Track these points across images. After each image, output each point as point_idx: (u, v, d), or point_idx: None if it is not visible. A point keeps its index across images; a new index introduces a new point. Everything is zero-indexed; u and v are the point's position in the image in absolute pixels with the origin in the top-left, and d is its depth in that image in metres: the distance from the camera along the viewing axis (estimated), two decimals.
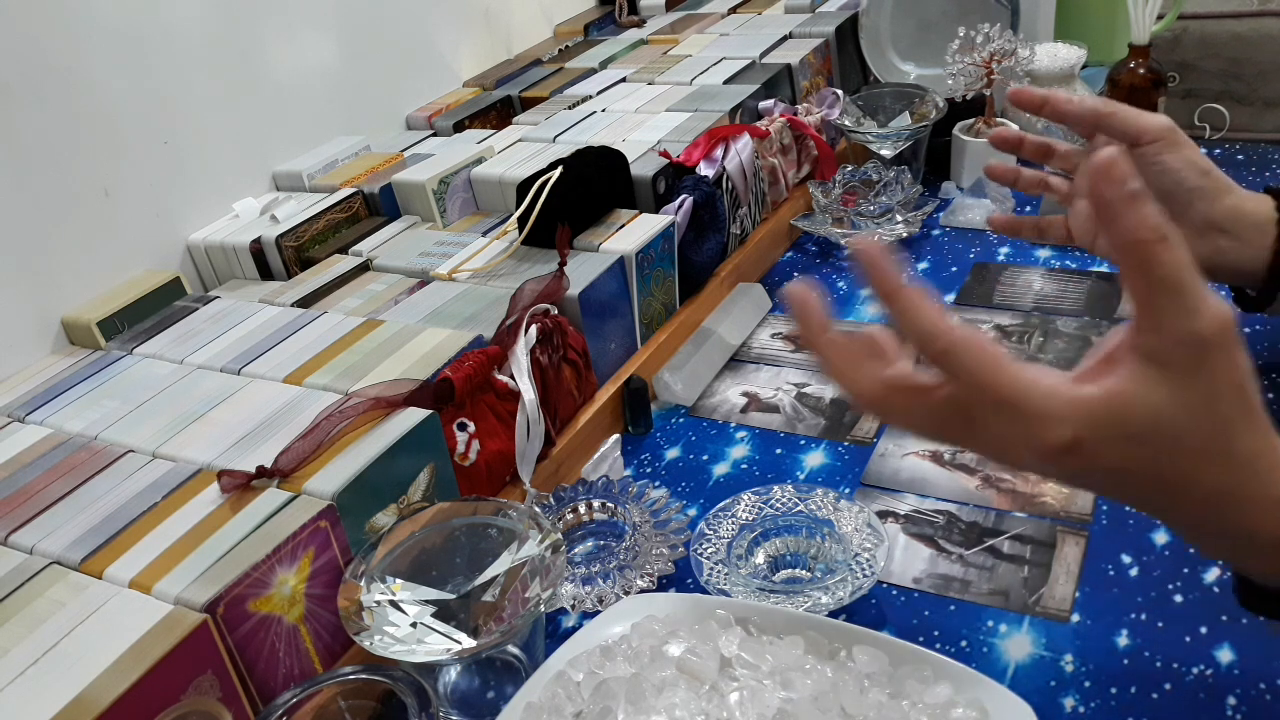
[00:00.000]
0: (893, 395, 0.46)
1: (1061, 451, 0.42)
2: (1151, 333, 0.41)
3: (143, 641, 0.55)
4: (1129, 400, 0.41)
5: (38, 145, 0.88)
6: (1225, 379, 0.41)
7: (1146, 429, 0.41)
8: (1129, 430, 0.41)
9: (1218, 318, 0.40)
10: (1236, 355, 0.41)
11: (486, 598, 0.62)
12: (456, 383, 0.74)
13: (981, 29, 1.16)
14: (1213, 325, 0.40)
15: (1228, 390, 0.41)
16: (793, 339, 1.01)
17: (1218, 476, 0.42)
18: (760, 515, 0.75)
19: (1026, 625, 0.65)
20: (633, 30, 1.55)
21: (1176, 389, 0.41)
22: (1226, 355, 0.40)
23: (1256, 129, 1.25)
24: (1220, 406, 0.41)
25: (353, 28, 1.20)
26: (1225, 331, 0.40)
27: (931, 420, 0.46)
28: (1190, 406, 0.41)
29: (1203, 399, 0.41)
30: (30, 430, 0.78)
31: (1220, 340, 0.40)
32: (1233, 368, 0.41)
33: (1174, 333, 0.40)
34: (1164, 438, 0.41)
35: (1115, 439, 0.41)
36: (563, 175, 0.93)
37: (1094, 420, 0.41)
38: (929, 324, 0.43)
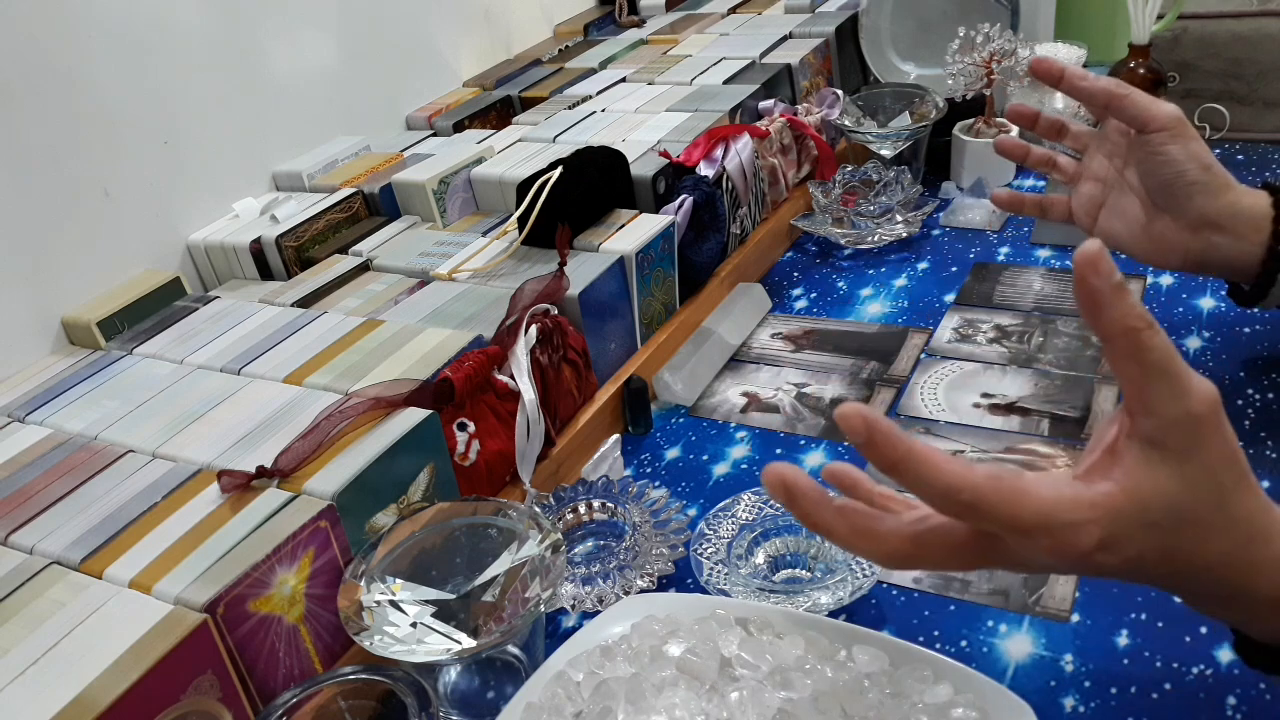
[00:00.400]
0: (920, 547, 0.46)
1: (1094, 551, 0.43)
2: (1147, 417, 0.43)
3: (143, 641, 0.55)
4: (1143, 489, 0.43)
5: (38, 145, 0.88)
6: (1219, 452, 0.43)
7: (1159, 515, 0.43)
8: (1149, 518, 0.43)
9: (1207, 396, 0.42)
10: (1226, 428, 0.43)
11: (486, 598, 0.62)
12: (456, 383, 0.74)
13: (981, 29, 1.16)
14: (1203, 404, 0.42)
15: (1221, 462, 0.43)
16: (793, 338, 1.01)
17: (1220, 543, 0.44)
18: (760, 515, 0.75)
19: (1026, 625, 0.65)
20: (633, 30, 1.55)
21: (1178, 468, 0.43)
22: (1218, 429, 0.43)
23: (1256, 129, 1.25)
24: (1217, 478, 0.43)
25: (353, 28, 1.20)
26: (1214, 408, 0.43)
27: (962, 557, 0.46)
28: (1192, 483, 0.43)
29: (1202, 474, 0.43)
30: (30, 430, 0.78)
31: (1211, 417, 0.43)
32: (1224, 440, 0.43)
33: (1169, 415, 0.42)
34: (1174, 518, 0.43)
35: (1136, 528, 0.43)
36: (563, 175, 0.93)
37: (1118, 516, 0.43)
38: (947, 482, 0.42)
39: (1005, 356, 0.92)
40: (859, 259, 1.13)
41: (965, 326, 0.97)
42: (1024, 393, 0.86)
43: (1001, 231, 1.14)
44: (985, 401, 0.86)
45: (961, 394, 0.88)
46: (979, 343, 0.94)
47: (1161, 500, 0.43)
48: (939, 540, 0.45)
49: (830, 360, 0.96)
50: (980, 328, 0.97)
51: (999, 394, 0.87)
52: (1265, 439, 0.76)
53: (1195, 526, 0.44)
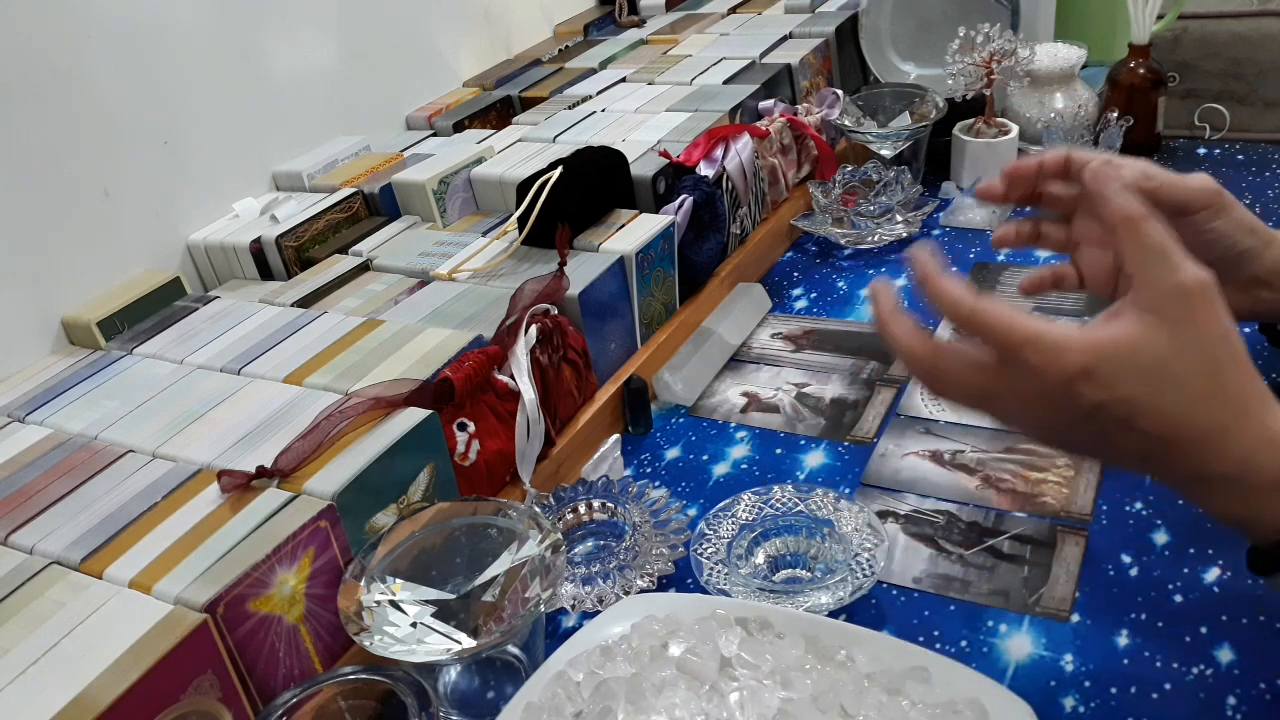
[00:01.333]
0: (939, 355, 0.52)
1: (1078, 375, 0.47)
2: (1145, 289, 0.48)
3: (143, 641, 0.55)
4: (1132, 339, 0.47)
5: (38, 145, 0.88)
6: (1211, 326, 0.47)
7: (1147, 363, 0.47)
8: (1136, 362, 0.47)
9: (1198, 275, 0.47)
10: (1219, 308, 0.47)
11: (486, 598, 0.62)
12: (456, 383, 0.74)
13: (981, 29, 1.16)
14: (1193, 280, 0.47)
15: (1215, 337, 0.47)
16: (793, 338, 1.01)
17: (1212, 414, 0.47)
18: (760, 515, 0.75)
19: (1026, 625, 0.65)
20: (633, 30, 1.55)
21: (1170, 333, 0.47)
22: (1209, 307, 0.47)
23: (1256, 129, 1.25)
24: (1210, 349, 0.47)
25: (353, 28, 1.20)
26: (1205, 287, 0.47)
27: (970, 376, 0.51)
28: (1183, 349, 0.47)
29: (1194, 343, 0.47)
30: (30, 430, 0.78)
31: (1201, 293, 0.47)
32: (1216, 318, 0.47)
33: (1162, 286, 0.47)
34: (1164, 375, 0.47)
35: (1123, 370, 0.47)
36: (563, 175, 0.93)
37: (1104, 351, 0.47)
38: (955, 295, 0.50)
39: None
40: (859, 259, 1.13)
41: None
42: None
43: None
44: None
45: None
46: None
47: (1151, 351, 0.47)
48: (955, 354, 0.51)
49: (830, 360, 0.96)
50: None
51: None
52: None
53: (1186, 390, 0.47)
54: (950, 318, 0.51)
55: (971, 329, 0.50)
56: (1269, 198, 1.11)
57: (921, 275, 0.52)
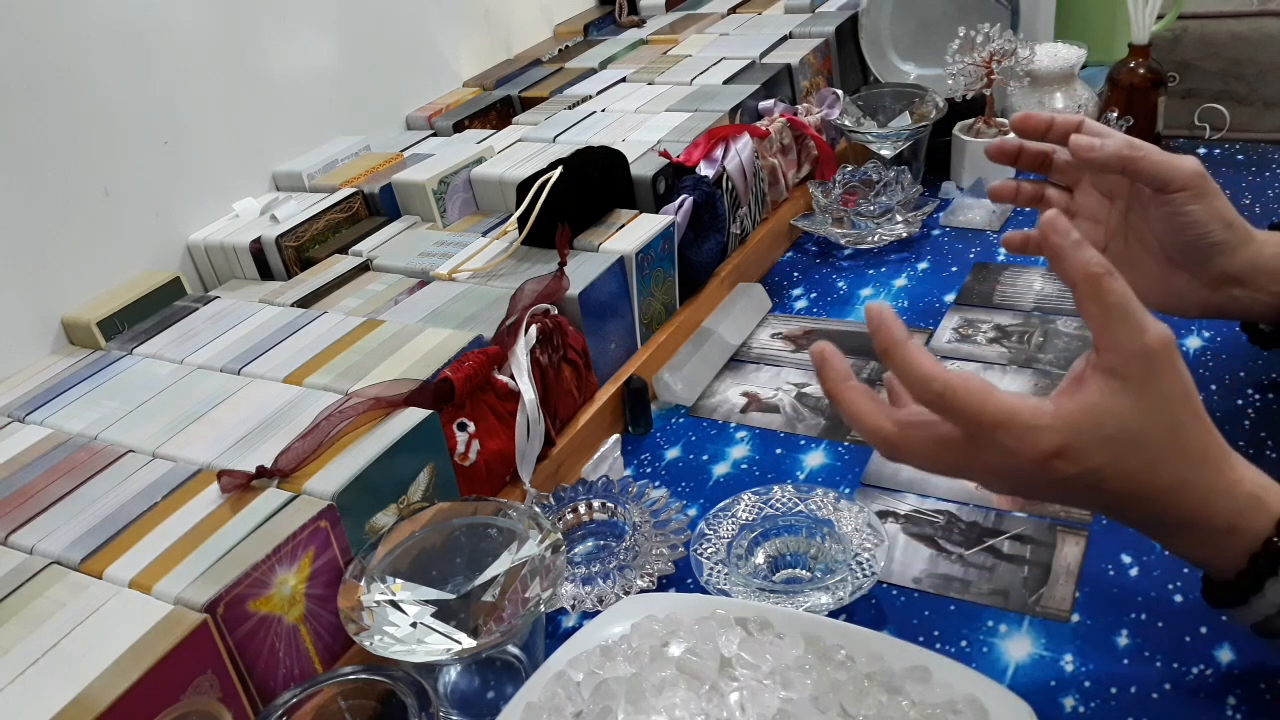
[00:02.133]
0: (905, 431, 0.52)
1: (1052, 455, 0.48)
2: (1109, 351, 0.48)
3: (143, 641, 0.55)
4: (1102, 410, 0.48)
5: (38, 145, 0.88)
6: (1173, 386, 0.49)
7: (1115, 431, 0.48)
8: (1104, 433, 0.48)
9: (1161, 335, 0.48)
10: (1179, 366, 0.49)
11: (486, 598, 0.62)
12: (456, 383, 0.74)
13: (981, 29, 1.16)
14: (1157, 341, 0.48)
15: (1176, 395, 0.49)
16: (793, 338, 1.01)
17: (1174, 469, 0.49)
18: (760, 515, 0.75)
19: (1026, 625, 0.65)
20: (633, 30, 1.55)
21: (1136, 396, 0.48)
22: (1171, 366, 0.48)
23: (1256, 129, 1.25)
24: (1171, 408, 0.49)
25: (353, 28, 1.20)
26: (1168, 346, 0.48)
27: (938, 452, 0.51)
28: (1148, 411, 0.48)
29: (1157, 403, 0.48)
30: (30, 430, 0.78)
31: (1165, 353, 0.48)
32: (1178, 376, 0.49)
33: (1128, 349, 0.48)
34: (1130, 438, 0.48)
35: (1094, 442, 0.48)
36: (563, 175, 0.93)
37: (1076, 427, 0.48)
38: (924, 371, 0.49)
39: (1005, 356, 0.92)
40: (859, 259, 1.13)
41: (965, 326, 0.97)
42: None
43: (1001, 231, 1.14)
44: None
45: None
46: (979, 343, 0.94)
47: (1117, 421, 0.48)
48: (922, 430, 0.51)
49: None
50: (980, 328, 0.97)
51: None
52: (1265, 439, 0.76)
53: (1150, 451, 0.49)
54: (916, 396, 0.50)
55: (940, 408, 0.50)
56: (1269, 198, 1.11)
57: (885, 345, 0.50)
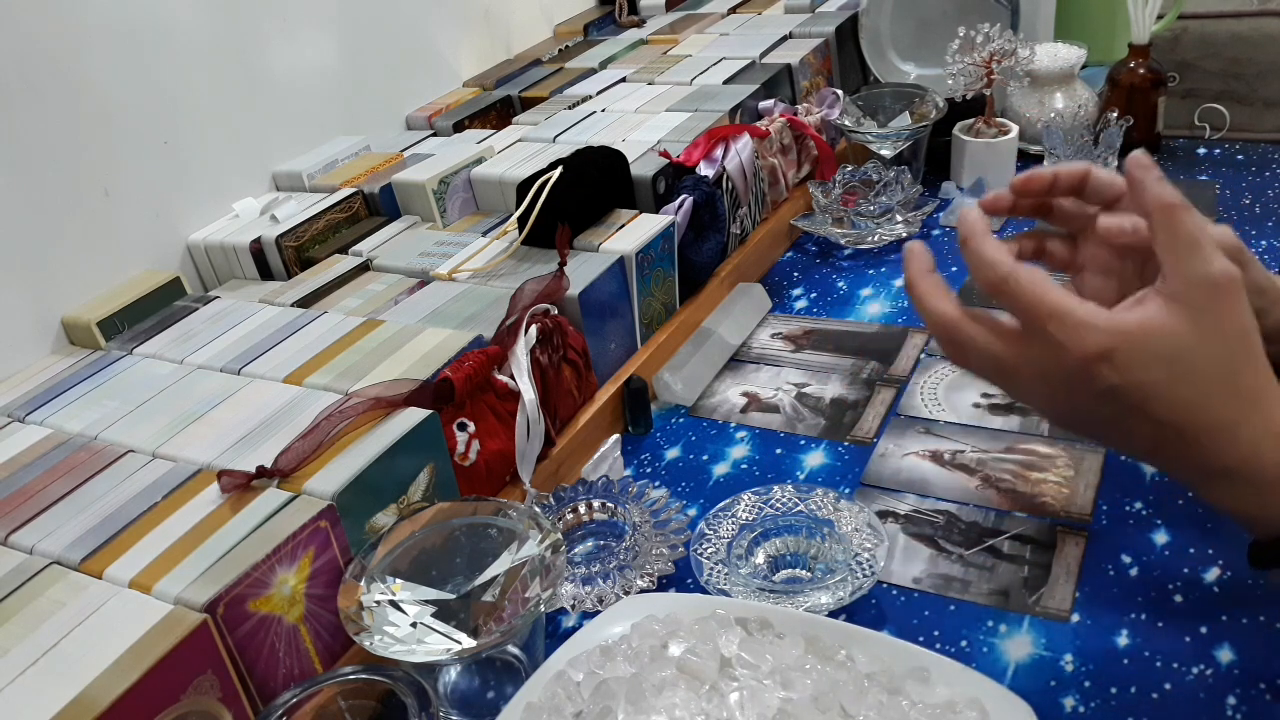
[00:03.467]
0: (965, 321, 0.52)
1: (1098, 357, 0.48)
2: (1174, 277, 0.48)
3: (143, 641, 0.55)
4: (1156, 325, 0.48)
5: (38, 145, 0.88)
6: (1233, 322, 0.48)
7: (1168, 351, 0.47)
8: (1156, 349, 0.47)
9: (1227, 269, 0.47)
10: (1243, 304, 0.48)
11: (486, 598, 0.62)
12: (456, 383, 0.74)
13: (981, 29, 1.16)
14: (1223, 273, 0.47)
15: (1235, 332, 0.48)
16: (793, 338, 1.01)
17: (1225, 407, 0.48)
18: (760, 515, 0.75)
19: (1026, 625, 0.65)
20: (633, 30, 1.55)
21: (1193, 323, 0.47)
22: (1233, 302, 0.48)
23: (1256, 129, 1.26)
24: (1229, 344, 0.48)
25: (353, 28, 1.20)
26: (1233, 281, 0.47)
27: (991, 345, 0.52)
28: (1204, 340, 0.47)
29: (1215, 335, 0.48)
30: (30, 430, 0.78)
31: (1228, 287, 0.47)
32: (1239, 315, 0.48)
33: (1192, 276, 0.47)
34: (1182, 364, 0.47)
35: (1144, 355, 0.47)
36: (563, 175, 0.93)
37: (1127, 335, 0.48)
38: (990, 256, 0.50)
39: None
40: (859, 259, 1.13)
41: None
42: None
43: (1001, 232, 1.14)
44: (985, 401, 0.86)
45: (961, 394, 0.88)
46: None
47: (1170, 339, 0.47)
48: (980, 319, 0.52)
49: (830, 360, 0.96)
50: None
51: (999, 394, 0.87)
52: None
53: (1201, 382, 0.48)
54: (982, 280, 0.51)
55: (1002, 294, 0.50)
56: (1269, 198, 1.11)
57: (966, 233, 0.52)
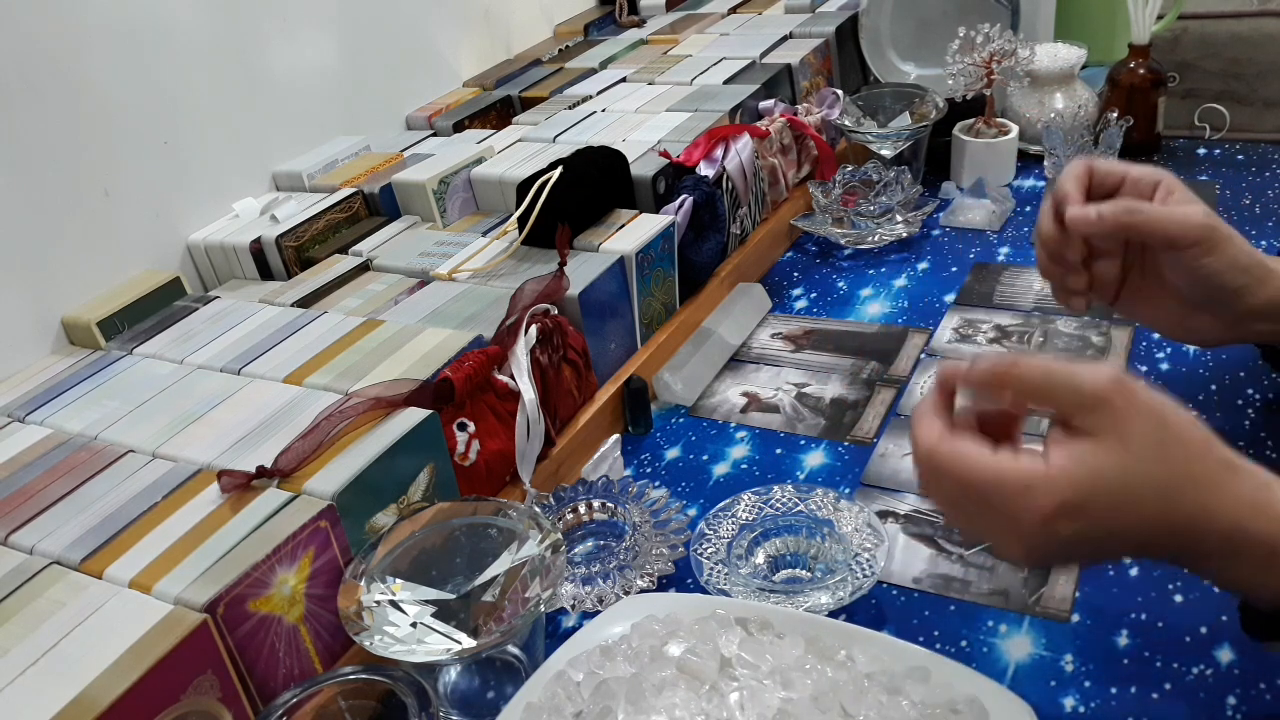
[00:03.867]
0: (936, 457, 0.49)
1: (1054, 515, 0.46)
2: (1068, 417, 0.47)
3: (143, 641, 0.55)
4: (1094, 460, 0.46)
5: (38, 145, 0.88)
6: (1145, 420, 0.46)
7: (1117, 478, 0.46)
8: (1105, 481, 0.46)
9: (1100, 383, 0.46)
10: (1143, 398, 0.46)
11: (486, 598, 0.62)
12: (456, 383, 0.74)
13: (981, 29, 1.16)
14: (1100, 390, 0.46)
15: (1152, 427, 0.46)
16: (793, 338, 1.00)
17: (1188, 498, 0.46)
18: (760, 515, 0.75)
19: (1026, 625, 0.65)
20: (633, 30, 1.55)
21: (1117, 441, 0.46)
22: (1131, 402, 0.46)
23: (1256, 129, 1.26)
24: (1157, 441, 0.46)
25: (353, 28, 1.20)
26: (1117, 387, 0.46)
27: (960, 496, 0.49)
28: (1133, 455, 0.45)
29: (1138, 441, 0.46)
30: (30, 430, 0.78)
31: (1116, 396, 0.46)
32: (1145, 409, 0.46)
33: (1073, 407, 0.46)
34: (1129, 489, 0.46)
35: (1095, 493, 0.46)
36: (563, 175, 0.93)
37: (1073, 481, 0.46)
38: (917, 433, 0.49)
39: None
40: (859, 259, 1.13)
41: (965, 326, 0.97)
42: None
43: (1001, 231, 1.14)
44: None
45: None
46: (979, 343, 0.94)
47: (1112, 466, 0.45)
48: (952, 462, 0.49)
49: (830, 360, 0.96)
50: (980, 328, 0.97)
51: None
52: (1265, 439, 0.76)
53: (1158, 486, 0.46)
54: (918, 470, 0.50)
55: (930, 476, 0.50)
56: (1269, 198, 1.11)
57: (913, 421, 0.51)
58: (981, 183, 1.18)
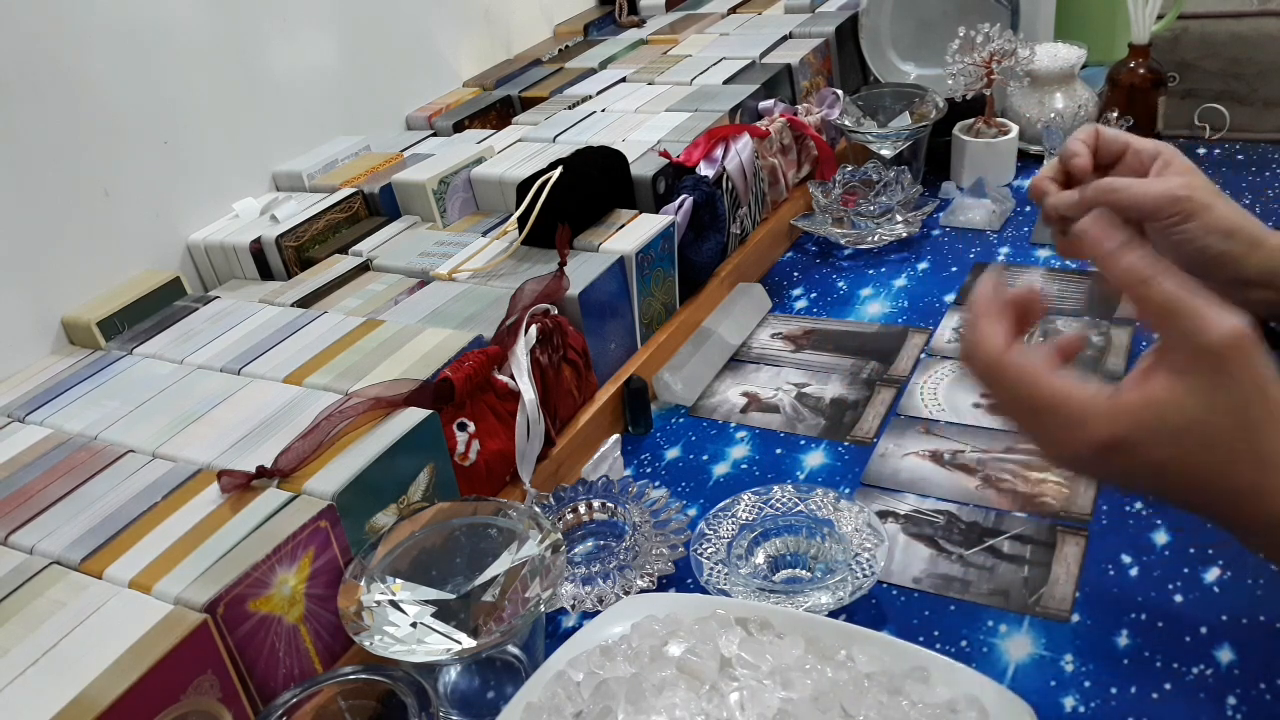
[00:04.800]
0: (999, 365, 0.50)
1: (1105, 448, 0.47)
2: (1171, 349, 0.46)
3: (143, 641, 0.55)
4: (1162, 400, 0.46)
5: (38, 145, 0.88)
6: (1245, 384, 0.45)
7: (1176, 425, 0.46)
8: (1161, 426, 0.46)
9: (1226, 333, 0.44)
10: (1254, 360, 0.45)
11: (486, 598, 0.62)
12: (456, 383, 0.74)
13: (981, 29, 1.16)
14: (1221, 340, 0.44)
15: (1249, 395, 0.45)
16: (793, 338, 1.01)
17: (1249, 474, 0.46)
18: (760, 515, 0.75)
19: (1026, 625, 0.65)
20: (633, 30, 1.55)
21: (1201, 393, 0.45)
22: (1244, 363, 0.45)
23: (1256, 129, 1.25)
24: (1244, 410, 0.45)
25: (353, 28, 1.20)
26: (1238, 342, 0.44)
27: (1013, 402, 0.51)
28: (1214, 409, 0.45)
29: (1227, 402, 0.45)
30: (30, 430, 0.78)
31: (1233, 351, 0.44)
32: (1252, 373, 0.45)
33: (1187, 346, 0.45)
34: (1193, 437, 0.46)
35: (1153, 436, 0.46)
36: (563, 175, 0.93)
37: (1135, 420, 0.46)
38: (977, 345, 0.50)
39: None
40: (859, 259, 1.13)
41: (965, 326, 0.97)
42: None
43: (1001, 231, 1.14)
44: (985, 401, 0.86)
45: (961, 394, 0.88)
46: None
47: (1180, 414, 0.45)
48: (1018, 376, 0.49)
49: (830, 360, 0.96)
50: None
51: None
52: None
53: (1220, 450, 0.45)
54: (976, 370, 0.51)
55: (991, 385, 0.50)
56: (1269, 198, 1.11)
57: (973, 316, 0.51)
58: (981, 183, 1.18)
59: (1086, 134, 0.67)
